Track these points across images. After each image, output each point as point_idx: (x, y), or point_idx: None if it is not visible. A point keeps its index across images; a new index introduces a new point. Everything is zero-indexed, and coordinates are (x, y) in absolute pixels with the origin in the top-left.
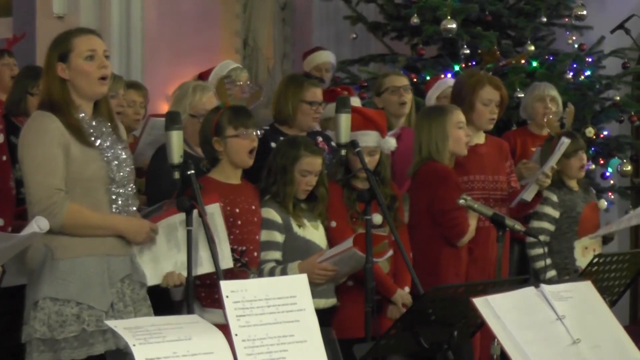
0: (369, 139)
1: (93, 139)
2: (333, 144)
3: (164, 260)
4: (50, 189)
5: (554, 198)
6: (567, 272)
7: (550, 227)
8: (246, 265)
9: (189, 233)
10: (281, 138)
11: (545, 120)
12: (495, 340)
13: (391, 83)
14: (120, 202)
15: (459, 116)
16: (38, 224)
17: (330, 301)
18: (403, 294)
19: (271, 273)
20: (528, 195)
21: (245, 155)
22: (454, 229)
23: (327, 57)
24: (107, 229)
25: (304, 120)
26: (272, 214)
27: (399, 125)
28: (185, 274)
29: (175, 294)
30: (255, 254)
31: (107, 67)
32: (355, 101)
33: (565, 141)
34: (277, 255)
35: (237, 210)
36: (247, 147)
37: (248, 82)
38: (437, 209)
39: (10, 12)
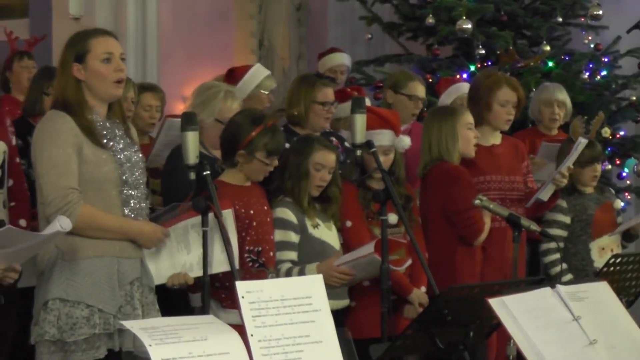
0: (383, 137)
1: (106, 140)
2: (347, 144)
3: (171, 261)
4: (64, 189)
5: (564, 204)
6: (586, 274)
7: (562, 233)
8: (264, 265)
9: (204, 234)
10: (294, 139)
11: (553, 124)
12: (511, 340)
13: (414, 92)
14: (132, 205)
15: (468, 117)
16: (60, 223)
17: (343, 302)
18: (419, 294)
19: (288, 274)
20: (544, 195)
21: (262, 176)
22: (470, 228)
23: (342, 59)
24: (119, 233)
25: (316, 120)
26: (287, 213)
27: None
28: (192, 274)
29: (194, 300)
30: (271, 253)
31: (123, 71)
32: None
33: (583, 141)
34: (292, 255)
35: (252, 211)
36: (267, 171)
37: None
38: (452, 209)
39: (26, 14)
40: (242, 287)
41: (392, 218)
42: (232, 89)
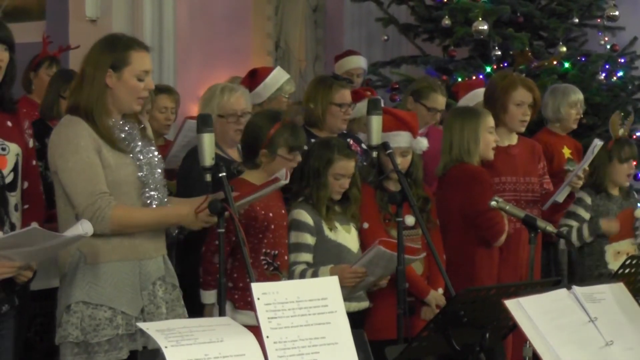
0: (400, 139)
1: (126, 143)
2: (364, 145)
3: None
4: (91, 196)
5: (588, 200)
6: (599, 274)
7: (576, 224)
8: (278, 269)
9: (220, 235)
10: (312, 140)
11: (575, 125)
12: (527, 342)
13: (434, 104)
14: (153, 206)
15: (491, 121)
16: (83, 227)
17: (363, 304)
18: (437, 295)
19: (302, 275)
20: (560, 197)
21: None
22: (491, 229)
23: (358, 62)
24: (158, 224)
25: (334, 122)
26: (303, 215)
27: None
28: None
29: (205, 297)
30: (286, 257)
31: (151, 89)
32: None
33: (598, 143)
34: (307, 257)
35: (271, 214)
36: (292, 167)
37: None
38: (472, 210)
39: (43, 16)
40: (258, 289)
41: (409, 220)
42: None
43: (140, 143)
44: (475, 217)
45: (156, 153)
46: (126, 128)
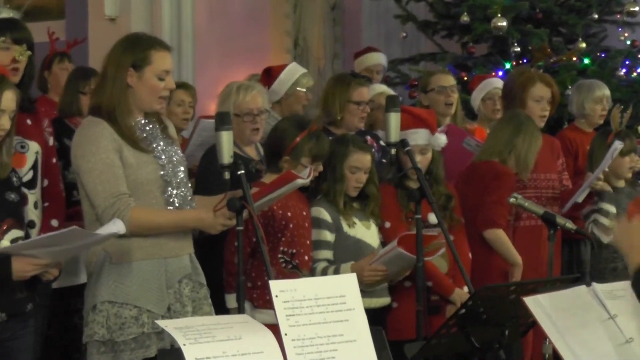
0: (418, 137)
1: (148, 142)
2: (382, 143)
3: None
4: (110, 197)
5: (612, 209)
6: (615, 268)
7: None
8: (297, 267)
9: (238, 233)
10: (330, 138)
11: (602, 120)
12: (547, 339)
13: (438, 83)
14: (176, 204)
15: None
16: (116, 225)
17: (383, 300)
18: (461, 294)
19: (324, 273)
20: (580, 197)
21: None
22: (487, 217)
23: (378, 59)
24: (176, 227)
25: (351, 120)
26: (322, 212)
27: (444, 124)
28: None
29: (229, 301)
30: (306, 257)
31: (172, 88)
32: (380, 87)
33: (619, 146)
34: (328, 254)
35: (289, 213)
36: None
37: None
38: (483, 199)
39: (63, 15)
40: (276, 286)
41: (433, 218)
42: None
43: (161, 142)
44: (481, 205)
45: (178, 152)
46: (147, 128)
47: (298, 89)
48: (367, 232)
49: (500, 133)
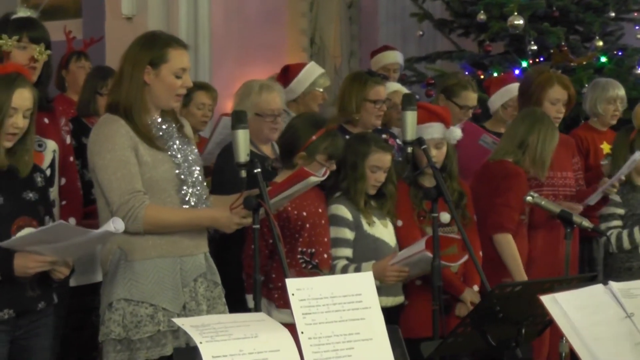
0: (433, 130)
1: (163, 141)
2: (398, 141)
3: None
4: (125, 194)
5: (617, 198)
6: (630, 268)
7: (619, 223)
8: (317, 267)
9: (255, 232)
10: (346, 137)
11: (614, 120)
12: (564, 338)
13: (464, 102)
14: (192, 203)
15: None
16: (114, 224)
17: (398, 299)
18: (472, 292)
19: (344, 271)
20: (592, 200)
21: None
22: (496, 221)
23: (394, 57)
24: (190, 226)
25: (368, 118)
26: (342, 210)
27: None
28: None
29: (250, 301)
30: (326, 255)
31: (189, 86)
32: (395, 85)
33: (638, 157)
34: (347, 252)
35: (305, 213)
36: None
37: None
38: (493, 201)
39: (80, 14)
40: (293, 285)
41: (445, 217)
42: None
43: (177, 141)
44: (491, 206)
45: (194, 151)
46: (164, 126)
47: (316, 88)
48: (385, 231)
49: (514, 131)
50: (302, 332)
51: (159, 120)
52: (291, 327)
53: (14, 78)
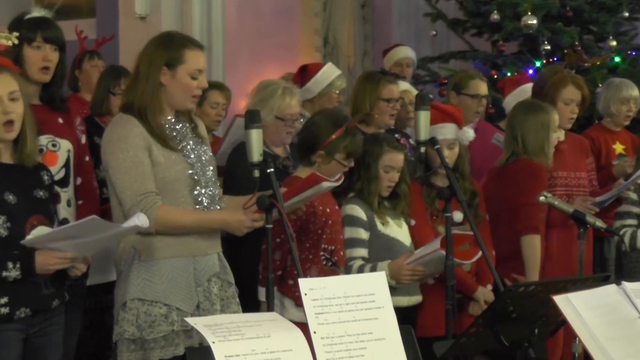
0: (446, 131)
1: (177, 141)
2: (411, 141)
3: None
4: (137, 195)
5: (635, 196)
6: None
7: (634, 222)
8: (336, 264)
9: (268, 231)
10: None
11: (627, 121)
12: (577, 338)
13: (475, 91)
14: (205, 204)
15: (557, 119)
16: (139, 219)
17: (415, 299)
18: (485, 292)
19: (360, 271)
20: (607, 202)
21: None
22: (528, 221)
23: (406, 52)
24: (200, 228)
25: (381, 117)
26: (357, 210)
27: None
28: None
29: (262, 294)
30: (342, 253)
31: (204, 87)
32: (404, 85)
33: None
34: (363, 252)
35: (328, 210)
36: (343, 171)
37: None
38: (520, 201)
39: (93, 13)
40: (305, 284)
41: (457, 216)
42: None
43: (191, 141)
44: (520, 207)
45: (208, 151)
46: (177, 126)
47: (332, 90)
48: (399, 231)
49: (509, 128)
50: (314, 332)
51: (173, 120)
52: (306, 326)
53: None
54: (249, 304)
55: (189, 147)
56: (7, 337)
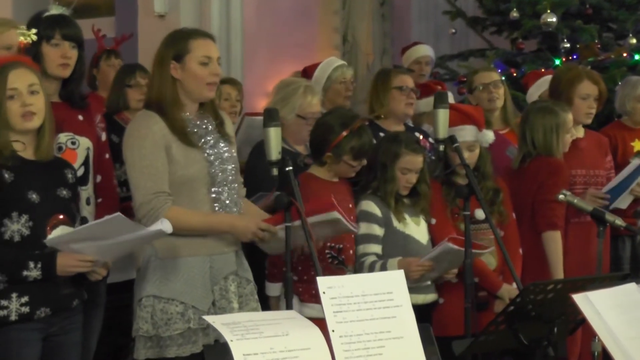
0: (466, 133)
1: (197, 137)
2: (431, 140)
3: None
4: (148, 194)
5: None
6: None
7: None
8: (343, 263)
9: (287, 230)
10: (380, 134)
11: None
12: (596, 337)
13: (480, 81)
14: (222, 201)
15: (571, 120)
16: (163, 224)
17: (430, 297)
18: (510, 289)
19: (371, 267)
20: (623, 204)
21: (351, 174)
22: (548, 219)
23: (425, 50)
24: (209, 230)
25: (397, 106)
26: (372, 206)
27: (494, 119)
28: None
29: (270, 289)
30: (351, 252)
31: (218, 75)
32: (449, 97)
33: None
34: (377, 248)
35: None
36: (355, 171)
37: (352, 81)
38: (541, 197)
39: (113, 12)
40: (324, 283)
41: (480, 214)
42: (311, 83)
43: (211, 138)
44: (540, 203)
45: (231, 149)
46: (199, 122)
47: (333, 83)
48: (416, 228)
49: (521, 132)
50: (333, 330)
51: (194, 116)
52: (316, 322)
53: (7, 65)
54: (268, 302)
55: (209, 144)
56: (27, 337)
